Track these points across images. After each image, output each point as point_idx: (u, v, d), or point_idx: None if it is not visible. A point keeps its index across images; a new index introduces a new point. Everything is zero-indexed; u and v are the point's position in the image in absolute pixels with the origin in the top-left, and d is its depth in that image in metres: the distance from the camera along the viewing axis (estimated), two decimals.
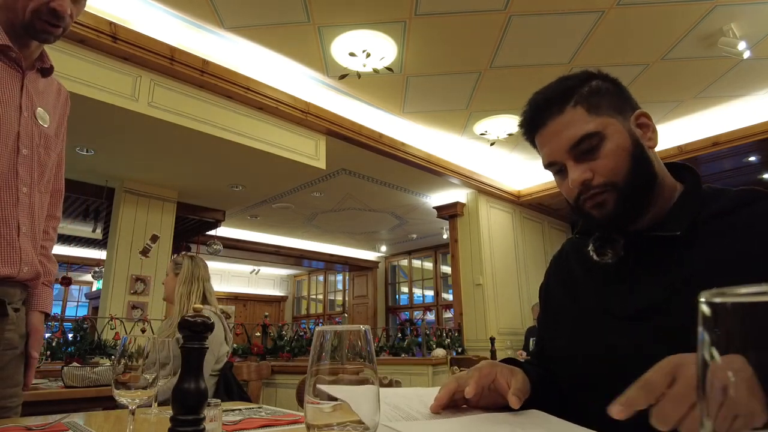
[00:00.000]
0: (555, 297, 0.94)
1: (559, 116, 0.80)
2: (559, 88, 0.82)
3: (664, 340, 0.70)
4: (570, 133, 0.79)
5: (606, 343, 0.78)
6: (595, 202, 0.79)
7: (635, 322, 0.75)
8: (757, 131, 4.74)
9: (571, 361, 0.85)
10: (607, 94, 0.82)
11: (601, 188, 0.78)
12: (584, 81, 0.82)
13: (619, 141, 0.78)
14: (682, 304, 0.70)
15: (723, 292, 0.20)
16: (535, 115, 0.84)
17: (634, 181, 0.78)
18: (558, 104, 0.81)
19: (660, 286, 0.74)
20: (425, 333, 5.45)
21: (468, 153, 5.68)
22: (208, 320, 0.62)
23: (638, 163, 0.78)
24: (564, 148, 0.80)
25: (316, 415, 0.46)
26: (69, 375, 2.34)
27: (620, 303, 0.78)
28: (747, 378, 0.19)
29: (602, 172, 0.78)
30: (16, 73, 1.16)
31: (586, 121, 0.79)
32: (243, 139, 3.99)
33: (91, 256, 8.60)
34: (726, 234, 0.72)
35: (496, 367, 0.76)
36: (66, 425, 0.99)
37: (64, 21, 1.13)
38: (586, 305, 0.85)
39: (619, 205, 0.78)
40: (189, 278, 2.26)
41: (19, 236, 1.14)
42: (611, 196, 0.78)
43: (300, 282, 12.70)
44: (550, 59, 3.90)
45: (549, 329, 0.94)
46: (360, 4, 3.30)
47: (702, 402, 0.20)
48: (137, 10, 3.33)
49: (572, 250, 0.94)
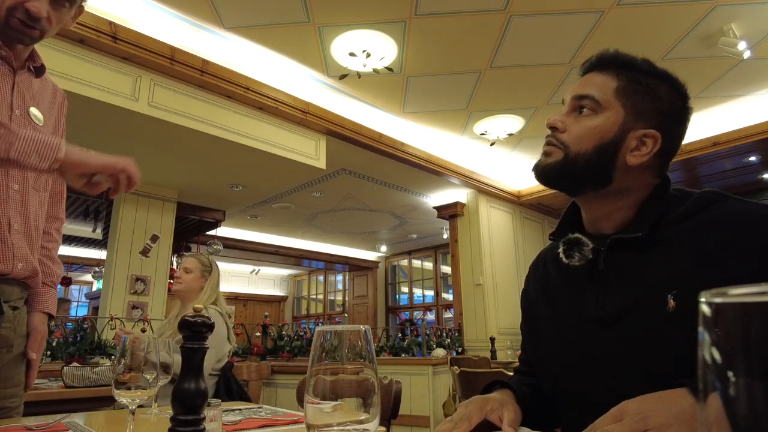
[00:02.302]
0: (535, 305, 0.94)
1: (599, 74, 0.85)
2: (627, 59, 0.85)
3: (631, 344, 0.72)
4: (586, 88, 0.84)
5: (580, 347, 0.79)
6: (547, 148, 0.85)
7: (605, 325, 0.76)
8: (757, 131, 4.74)
9: (550, 368, 0.87)
10: (647, 95, 0.81)
11: (559, 143, 0.83)
12: (649, 75, 0.83)
13: (604, 127, 0.80)
14: (647, 308, 0.72)
15: (723, 292, 0.20)
16: (593, 62, 0.89)
17: (582, 162, 0.80)
18: (608, 67, 0.85)
19: (626, 290, 0.76)
20: (425, 333, 5.45)
21: (468, 153, 5.68)
22: (208, 320, 0.62)
23: (599, 156, 0.80)
24: (572, 93, 0.85)
25: (316, 415, 0.46)
26: (69, 375, 2.33)
27: (592, 307, 0.79)
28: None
29: (570, 132, 0.82)
30: (7, 72, 1.16)
31: (603, 91, 0.82)
32: (243, 139, 3.99)
33: (91, 256, 8.60)
34: (686, 237, 0.73)
35: (487, 405, 0.77)
36: (66, 425, 0.99)
37: (40, 23, 1.11)
38: (563, 310, 0.86)
39: (558, 166, 0.82)
40: (216, 286, 2.34)
41: (10, 233, 1.14)
42: (558, 155, 0.82)
43: (300, 282, 12.70)
44: (550, 59, 3.90)
45: (531, 337, 0.95)
46: (360, 4, 3.30)
47: (701, 408, 0.20)
48: (137, 10, 3.33)
49: (549, 257, 0.95)
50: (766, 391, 0.18)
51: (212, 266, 2.37)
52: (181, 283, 2.31)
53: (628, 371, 0.72)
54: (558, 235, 0.88)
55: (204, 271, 2.33)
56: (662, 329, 0.69)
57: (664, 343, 0.69)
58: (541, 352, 0.90)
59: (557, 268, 0.89)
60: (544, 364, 0.88)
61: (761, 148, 5.01)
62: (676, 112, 0.82)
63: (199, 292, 2.30)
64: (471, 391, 0.68)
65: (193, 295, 2.30)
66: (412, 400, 4.38)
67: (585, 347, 0.78)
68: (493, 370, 3.40)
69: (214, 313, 2.25)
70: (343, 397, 0.47)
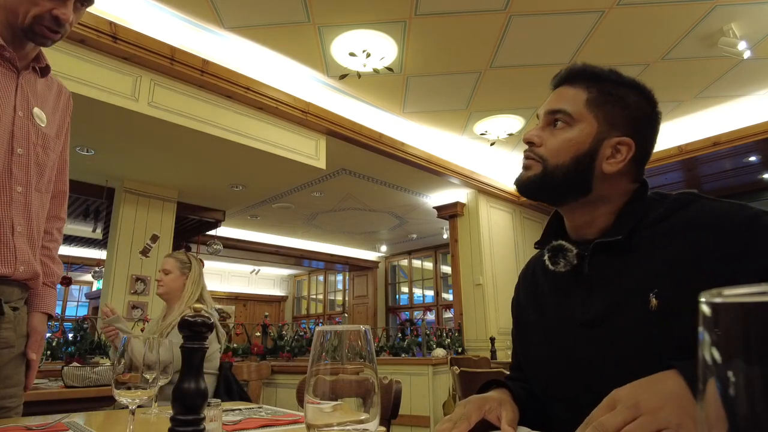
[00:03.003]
0: (525, 311, 0.96)
1: (570, 87, 0.87)
2: (595, 71, 0.87)
3: (618, 345, 0.74)
4: (559, 102, 0.86)
5: (568, 351, 0.81)
6: (526, 163, 0.87)
7: (593, 328, 0.78)
8: (757, 131, 4.74)
9: (540, 372, 0.88)
10: (617, 104, 0.83)
11: (537, 157, 0.85)
12: (618, 85, 0.85)
13: (579, 138, 0.82)
14: (630, 309, 0.74)
15: (723, 292, 0.20)
16: (563, 77, 0.90)
17: (561, 174, 0.83)
18: (578, 80, 0.87)
19: (610, 293, 0.77)
20: (425, 333, 5.45)
21: (468, 153, 5.68)
22: (208, 320, 0.62)
23: (576, 166, 0.82)
24: (545, 108, 0.88)
25: (316, 415, 0.46)
26: (69, 375, 2.34)
27: (578, 311, 0.81)
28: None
29: (547, 146, 0.85)
30: (11, 73, 1.16)
31: (576, 104, 0.84)
32: (243, 139, 3.98)
33: (91, 256, 8.59)
34: (664, 238, 0.75)
35: (485, 404, 0.78)
36: (66, 425, 0.99)
37: (64, 28, 1.14)
38: (551, 315, 0.87)
39: (537, 179, 0.85)
40: (197, 280, 2.29)
41: (13, 236, 1.14)
42: (537, 168, 0.85)
43: (300, 282, 12.70)
44: (550, 59, 3.90)
45: (522, 343, 0.97)
46: (360, 4, 3.30)
47: (702, 406, 0.20)
48: (137, 10, 3.33)
49: (537, 264, 0.97)
50: (766, 391, 0.18)
51: (191, 262, 2.32)
52: (162, 285, 2.27)
53: (615, 372, 0.72)
54: (543, 243, 0.91)
55: (183, 268, 2.29)
56: (645, 328, 0.71)
57: (648, 341, 0.70)
58: (531, 357, 0.92)
59: (545, 274, 0.91)
60: (535, 368, 0.90)
61: (761, 148, 5.01)
62: (647, 118, 0.85)
63: (181, 290, 2.25)
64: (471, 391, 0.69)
65: (177, 294, 2.26)
66: (412, 400, 4.38)
67: (573, 350, 0.80)
68: (493, 370, 3.40)
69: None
70: (343, 397, 0.47)
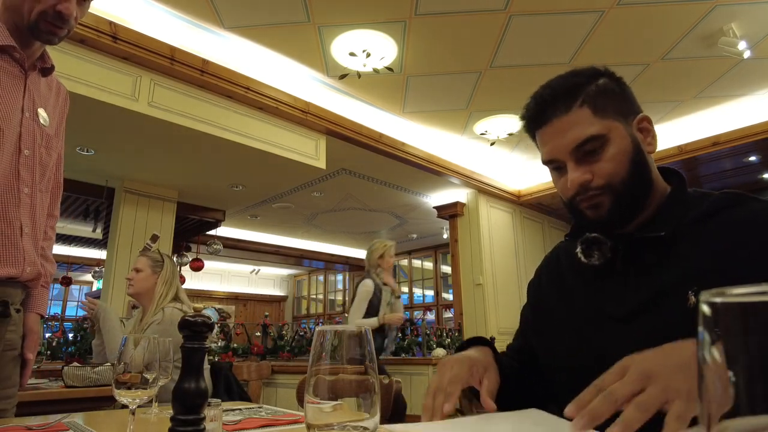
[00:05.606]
0: (546, 298, 0.94)
1: (565, 115, 0.79)
2: (566, 84, 0.81)
3: (651, 342, 0.72)
4: (575, 133, 0.78)
5: (598, 345, 0.79)
6: (591, 203, 0.79)
7: (626, 323, 0.76)
8: (757, 131, 4.74)
9: (561, 362, 0.86)
10: (613, 95, 0.81)
11: (599, 190, 0.78)
12: (592, 79, 0.81)
13: (622, 145, 0.78)
14: (668, 305, 0.72)
15: (723, 292, 0.20)
16: (540, 111, 0.82)
17: (631, 185, 0.78)
18: (565, 102, 0.79)
19: (647, 288, 0.76)
20: (425, 333, 5.45)
21: (468, 153, 5.68)
22: (208, 320, 0.62)
23: (637, 168, 0.79)
24: (567, 148, 0.79)
25: (316, 415, 0.46)
26: (69, 375, 2.33)
27: (611, 305, 0.79)
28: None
29: (602, 175, 0.78)
30: (20, 74, 1.16)
31: (591, 123, 0.78)
32: (243, 139, 3.98)
33: (91, 256, 8.59)
34: (707, 237, 0.74)
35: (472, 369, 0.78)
36: (66, 425, 0.99)
37: (69, 24, 1.14)
38: (579, 307, 0.85)
39: (614, 208, 0.78)
40: (170, 279, 2.23)
41: (21, 237, 1.13)
42: (607, 199, 0.78)
43: (300, 282, 12.69)
44: (550, 59, 3.90)
45: (538, 329, 0.94)
46: (360, 4, 3.30)
47: (703, 401, 0.20)
48: (137, 10, 3.33)
49: (564, 253, 0.95)
50: (766, 391, 0.18)
51: (164, 260, 2.26)
52: (132, 285, 2.20)
53: None
54: (575, 234, 0.87)
55: (154, 267, 2.22)
56: (682, 326, 0.70)
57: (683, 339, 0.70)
58: (551, 346, 0.89)
59: (571, 265, 0.89)
60: (554, 358, 0.87)
61: (761, 148, 5.01)
62: (622, 88, 0.84)
63: (153, 289, 2.19)
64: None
65: (148, 294, 2.20)
66: (412, 400, 4.38)
67: (601, 344, 0.78)
68: None
69: (171, 312, 2.09)
70: (343, 397, 0.47)
